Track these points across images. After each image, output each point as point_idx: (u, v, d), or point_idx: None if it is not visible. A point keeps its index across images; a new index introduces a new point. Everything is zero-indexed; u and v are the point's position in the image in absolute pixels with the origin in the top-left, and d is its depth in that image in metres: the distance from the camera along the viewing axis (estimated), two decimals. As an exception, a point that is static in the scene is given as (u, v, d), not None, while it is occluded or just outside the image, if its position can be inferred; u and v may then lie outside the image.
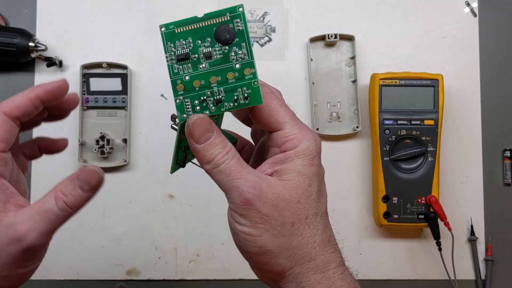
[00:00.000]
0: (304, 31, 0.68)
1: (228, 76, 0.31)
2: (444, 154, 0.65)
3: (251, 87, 0.31)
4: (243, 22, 0.31)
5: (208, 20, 0.31)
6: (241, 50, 0.31)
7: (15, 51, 0.63)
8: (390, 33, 0.69)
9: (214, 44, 0.31)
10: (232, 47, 0.31)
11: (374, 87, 0.64)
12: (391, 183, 0.62)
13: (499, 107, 0.68)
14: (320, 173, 0.34)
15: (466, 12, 0.70)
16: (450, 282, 0.64)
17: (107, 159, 0.66)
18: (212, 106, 0.31)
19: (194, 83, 0.31)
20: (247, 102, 0.31)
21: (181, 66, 0.31)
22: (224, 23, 0.31)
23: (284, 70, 0.68)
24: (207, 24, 0.31)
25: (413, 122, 0.63)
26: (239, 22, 0.31)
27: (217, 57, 0.31)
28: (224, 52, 0.31)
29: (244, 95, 0.31)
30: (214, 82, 0.31)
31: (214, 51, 0.31)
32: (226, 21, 0.31)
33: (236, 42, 0.31)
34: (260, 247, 0.30)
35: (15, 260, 0.30)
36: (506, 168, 0.67)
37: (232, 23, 0.31)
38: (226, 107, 0.31)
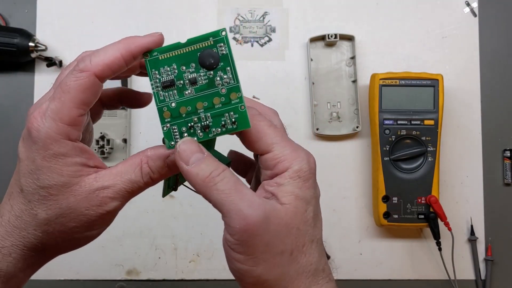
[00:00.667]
0: (304, 31, 0.68)
1: (215, 101, 0.31)
2: (444, 154, 0.65)
3: (238, 111, 0.31)
4: (227, 46, 0.30)
5: (192, 46, 0.31)
6: (226, 74, 0.31)
7: (15, 51, 0.63)
8: (390, 33, 0.69)
9: (199, 70, 0.31)
10: (217, 71, 0.31)
11: (374, 87, 0.64)
12: (391, 183, 0.62)
13: (499, 107, 0.68)
14: (317, 195, 0.32)
15: (466, 12, 0.70)
16: (450, 282, 0.64)
17: (107, 159, 0.66)
18: (200, 132, 0.31)
19: (180, 109, 0.31)
20: (235, 127, 0.31)
21: (166, 93, 0.31)
22: (208, 48, 0.30)
23: (284, 70, 0.68)
24: (191, 50, 0.31)
25: (413, 122, 0.63)
26: (222, 46, 0.30)
27: (202, 82, 0.31)
28: (209, 77, 0.31)
29: (231, 119, 0.31)
30: (200, 108, 0.30)
31: (199, 77, 0.31)
32: (209, 46, 0.30)
33: (221, 67, 0.31)
34: (258, 277, 0.28)
35: (89, 224, 0.30)
36: (506, 168, 0.67)
37: (215, 47, 0.30)
38: (214, 133, 0.31)
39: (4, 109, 0.67)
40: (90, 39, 0.68)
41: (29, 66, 0.67)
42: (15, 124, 0.67)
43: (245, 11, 0.69)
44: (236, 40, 0.68)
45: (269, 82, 0.68)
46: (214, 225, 0.66)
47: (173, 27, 0.68)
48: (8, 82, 0.67)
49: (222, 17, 0.68)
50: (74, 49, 0.67)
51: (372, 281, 0.66)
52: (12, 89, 0.67)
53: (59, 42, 0.67)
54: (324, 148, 0.67)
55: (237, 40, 0.68)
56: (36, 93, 0.67)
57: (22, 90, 0.67)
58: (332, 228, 0.66)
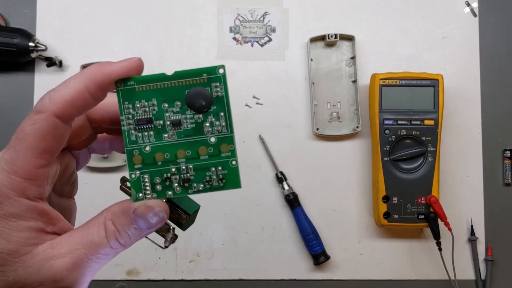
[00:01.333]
0: (304, 31, 0.68)
1: (200, 151, 0.26)
2: (444, 154, 0.65)
3: (228, 167, 0.26)
4: (224, 87, 0.25)
5: (180, 80, 0.25)
6: (219, 121, 0.25)
7: (15, 51, 0.63)
8: (390, 33, 0.69)
9: (185, 111, 0.25)
10: (207, 116, 0.25)
11: (374, 87, 0.64)
12: (391, 183, 0.62)
13: (499, 107, 0.68)
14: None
15: (466, 12, 0.70)
16: (450, 282, 0.64)
17: (107, 159, 0.66)
18: (178, 186, 0.26)
19: (156, 155, 0.25)
20: (221, 185, 0.26)
21: (140, 134, 0.25)
22: (199, 86, 0.25)
23: (284, 70, 0.68)
24: (178, 85, 0.25)
25: (413, 122, 0.63)
26: (218, 86, 0.25)
27: (187, 126, 0.25)
28: (197, 121, 0.25)
29: (218, 176, 0.26)
30: (182, 157, 0.26)
31: (184, 119, 0.25)
32: (201, 83, 0.25)
33: (213, 111, 0.25)
34: None
35: None
36: (506, 168, 0.67)
37: (209, 86, 0.25)
38: (195, 189, 0.26)
39: (4, 109, 0.67)
40: (90, 39, 0.68)
41: (29, 66, 0.67)
42: (15, 124, 0.67)
43: (245, 11, 0.69)
44: (236, 40, 0.68)
45: (269, 82, 0.68)
46: (214, 225, 0.66)
47: (173, 27, 0.68)
48: (8, 82, 0.67)
49: (222, 17, 0.68)
50: (74, 49, 0.67)
51: (372, 281, 0.66)
52: (12, 89, 0.67)
53: (59, 42, 0.67)
54: (324, 148, 0.67)
55: (237, 40, 0.68)
56: (36, 93, 0.67)
57: (22, 90, 0.67)
58: (332, 228, 0.66)
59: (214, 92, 0.25)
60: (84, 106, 0.25)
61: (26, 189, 0.24)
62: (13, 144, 0.24)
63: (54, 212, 0.25)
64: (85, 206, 0.33)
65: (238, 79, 0.67)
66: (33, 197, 0.24)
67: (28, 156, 0.24)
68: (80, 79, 0.24)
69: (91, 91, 0.24)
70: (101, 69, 0.25)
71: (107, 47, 0.68)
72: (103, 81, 0.25)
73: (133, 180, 0.26)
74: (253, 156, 0.66)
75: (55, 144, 0.24)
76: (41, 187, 0.24)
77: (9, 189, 0.23)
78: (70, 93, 0.24)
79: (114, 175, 0.66)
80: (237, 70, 0.67)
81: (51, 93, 0.24)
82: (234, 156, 0.26)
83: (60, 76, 0.67)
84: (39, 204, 0.24)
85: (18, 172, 0.24)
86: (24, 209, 0.24)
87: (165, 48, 0.68)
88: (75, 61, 0.67)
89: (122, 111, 0.26)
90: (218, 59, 0.68)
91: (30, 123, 0.24)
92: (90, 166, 0.65)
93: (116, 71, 0.25)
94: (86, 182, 0.64)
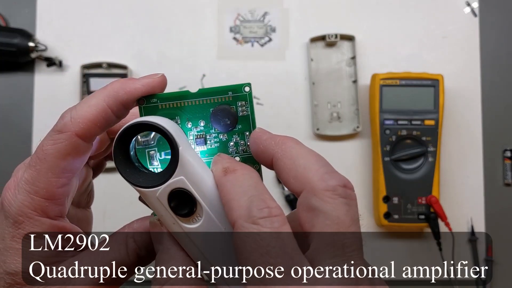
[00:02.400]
0: (305, 31, 0.68)
1: None
2: (444, 154, 0.65)
3: None
4: (250, 106, 0.24)
5: (204, 98, 0.24)
6: (244, 140, 0.25)
7: (15, 51, 0.63)
8: (391, 33, 0.69)
9: (209, 129, 0.25)
10: (232, 135, 0.25)
11: (375, 87, 0.63)
12: (392, 183, 0.62)
13: (500, 107, 0.68)
14: None
15: (467, 12, 0.69)
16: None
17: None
18: None
19: None
20: None
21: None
22: (224, 104, 0.24)
23: (284, 70, 0.68)
24: (202, 103, 0.24)
25: (414, 122, 0.62)
26: (244, 105, 0.24)
27: (212, 145, 0.25)
28: (222, 140, 0.25)
29: None
30: None
31: (209, 138, 0.25)
32: (226, 102, 0.24)
33: (239, 130, 0.25)
34: None
35: None
36: (506, 168, 0.67)
37: (235, 105, 0.24)
38: None
39: (4, 109, 0.67)
40: (90, 39, 0.68)
41: (29, 66, 0.67)
42: (15, 124, 0.67)
43: (245, 11, 0.69)
44: (236, 40, 0.68)
45: (269, 82, 0.68)
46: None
47: (173, 27, 0.68)
48: (8, 82, 0.67)
49: (222, 17, 0.68)
50: (74, 49, 0.67)
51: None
52: (12, 89, 0.67)
53: (59, 42, 0.67)
54: (324, 148, 0.67)
55: (237, 40, 0.68)
56: (36, 93, 0.67)
57: (22, 90, 0.67)
58: (333, 228, 0.66)
59: (240, 111, 0.24)
60: (106, 125, 0.24)
61: (48, 209, 0.24)
62: (33, 163, 0.23)
63: (75, 229, 0.25)
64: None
65: (238, 79, 0.67)
66: (54, 216, 0.24)
67: (49, 176, 0.23)
68: (103, 97, 0.24)
69: (114, 110, 0.24)
70: (124, 87, 0.24)
71: (107, 47, 0.68)
72: (127, 99, 0.24)
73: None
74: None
75: (76, 163, 0.24)
76: (62, 206, 0.24)
77: (31, 209, 0.23)
78: (92, 112, 0.23)
79: (114, 175, 0.65)
80: (237, 70, 0.67)
81: (72, 112, 0.24)
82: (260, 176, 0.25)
83: (60, 76, 0.67)
84: (60, 222, 0.24)
85: (39, 192, 0.23)
86: (46, 228, 0.24)
87: (165, 48, 0.68)
88: (75, 61, 0.67)
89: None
90: (218, 59, 0.68)
91: (51, 143, 0.23)
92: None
93: (140, 89, 0.24)
94: (86, 182, 0.64)
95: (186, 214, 0.23)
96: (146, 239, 0.26)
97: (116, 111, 0.24)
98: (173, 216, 0.23)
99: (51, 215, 0.24)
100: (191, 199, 0.22)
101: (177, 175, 0.22)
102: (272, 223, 0.20)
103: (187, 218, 0.23)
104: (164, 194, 0.23)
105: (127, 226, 0.26)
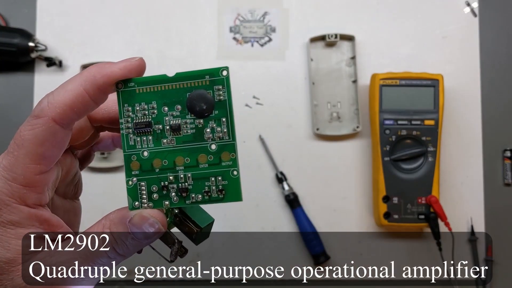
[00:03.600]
0: (304, 31, 0.68)
1: (200, 159, 0.24)
2: (444, 154, 0.65)
3: (229, 177, 0.24)
4: (227, 90, 0.24)
5: (181, 82, 0.24)
6: (221, 127, 0.24)
7: (15, 51, 0.63)
8: (390, 33, 0.69)
9: (185, 115, 0.24)
10: (208, 121, 0.24)
11: (375, 87, 0.64)
12: (391, 183, 0.62)
13: (500, 107, 0.68)
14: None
15: (467, 12, 0.70)
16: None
17: (107, 159, 0.66)
18: (175, 196, 0.24)
19: (154, 162, 0.24)
20: (221, 197, 0.24)
21: (139, 138, 0.24)
22: (201, 88, 0.24)
23: (284, 70, 0.68)
24: (179, 87, 0.24)
25: (414, 122, 0.62)
26: (221, 89, 0.24)
27: (187, 132, 0.24)
28: (198, 126, 0.24)
29: (218, 186, 0.24)
30: (180, 164, 0.24)
31: (184, 124, 0.24)
32: (203, 86, 0.24)
33: (215, 116, 0.24)
34: None
35: None
36: (506, 168, 0.67)
37: (212, 89, 0.24)
38: (193, 200, 0.24)
39: (4, 109, 0.67)
40: (90, 39, 0.68)
41: (29, 66, 0.67)
42: (15, 124, 0.67)
43: (245, 11, 0.69)
44: (236, 40, 0.68)
45: (269, 82, 0.68)
46: (214, 225, 0.66)
47: (173, 27, 0.68)
48: (8, 82, 0.67)
49: (222, 17, 0.68)
50: (74, 49, 0.67)
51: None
52: (12, 89, 0.67)
53: (59, 42, 0.67)
54: (324, 148, 0.67)
55: (237, 40, 0.68)
56: (36, 93, 0.67)
57: (22, 90, 0.67)
58: (332, 228, 0.66)
59: (217, 96, 0.24)
60: (84, 110, 0.24)
61: (26, 196, 0.23)
62: (11, 149, 0.24)
63: (55, 218, 0.25)
64: (85, 206, 0.33)
65: (238, 79, 0.67)
66: (33, 204, 0.23)
67: (27, 163, 0.23)
68: (79, 81, 0.23)
69: (91, 94, 0.23)
70: (101, 70, 0.23)
71: (107, 47, 0.68)
72: (104, 83, 0.23)
73: (130, 187, 0.25)
74: (253, 156, 0.66)
75: (55, 150, 0.24)
76: (41, 194, 0.24)
77: (8, 196, 0.23)
78: (69, 97, 0.23)
79: (114, 175, 0.66)
80: (237, 70, 0.67)
81: (49, 97, 0.23)
82: (236, 166, 0.24)
83: (60, 76, 0.67)
84: (39, 211, 0.24)
85: (17, 179, 0.23)
86: (23, 217, 0.23)
87: (165, 48, 0.68)
88: (75, 61, 0.67)
89: (121, 114, 0.24)
90: (218, 59, 0.68)
91: (29, 128, 0.23)
92: (90, 166, 0.64)
93: (117, 73, 0.24)
94: (85, 182, 0.63)
95: None
96: (122, 230, 0.25)
97: (94, 95, 0.23)
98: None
99: (29, 203, 0.23)
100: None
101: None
102: None
103: None
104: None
105: (104, 217, 0.26)
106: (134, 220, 0.24)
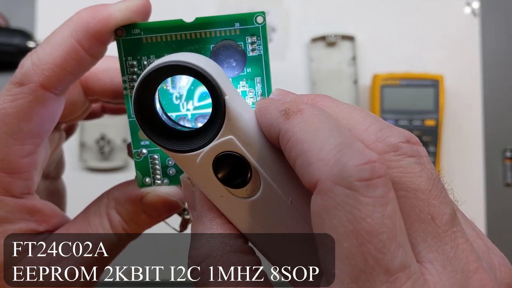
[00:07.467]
0: (305, 31, 0.68)
1: None
2: (445, 155, 0.65)
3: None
4: (263, 43, 0.19)
5: (202, 31, 0.18)
6: (254, 89, 0.19)
7: (15, 51, 0.63)
8: (391, 33, 0.69)
9: None
10: (239, 81, 0.19)
11: (375, 88, 0.63)
12: (392, 183, 0.62)
13: (500, 108, 0.68)
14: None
15: (467, 12, 0.69)
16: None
17: (107, 159, 0.66)
18: None
19: None
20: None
21: None
22: (229, 39, 0.18)
23: (285, 70, 0.68)
24: (200, 37, 0.18)
25: (414, 123, 0.62)
26: (255, 41, 0.19)
27: None
28: None
29: None
30: None
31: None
32: (232, 36, 0.18)
33: (247, 75, 0.19)
34: None
35: None
36: (506, 168, 0.67)
37: (243, 41, 0.18)
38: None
39: (4, 109, 0.67)
40: (90, 39, 0.67)
41: (29, 66, 0.67)
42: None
43: (245, 11, 0.69)
44: (236, 40, 0.68)
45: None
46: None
47: (173, 27, 0.68)
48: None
49: (223, 17, 0.68)
50: (74, 49, 0.67)
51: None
52: (12, 89, 0.67)
53: (59, 42, 0.67)
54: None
55: (237, 40, 0.68)
56: (36, 93, 0.66)
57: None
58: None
59: (250, 50, 0.19)
60: (80, 69, 0.18)
61: (11, 186, 0.18)
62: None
63: (47, 206, 0.20)
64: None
65: (239, 79, 0.66)
66: (20, 194, 0.19)
67: (10, 144, 0.17)
68: (69, 32, 0.18)
69: (85, 47, 0.18)
70: (96, 14, 0.18)
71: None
72: (100, 30, 0.18)
73: (139, 160, 0.19)
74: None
75: (45, 124, 0.18)
76: (28, 180, 0.19)
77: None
78: (59, 54, 0.17)
79: (114, 175, 0.65)
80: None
81: (33, 56, 0.18)
82: None
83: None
84: (28, 200, 0.19)
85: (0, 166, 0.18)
86: (10, 210, 0.19)
87: (165, 48, 0.68)
88: (75, 61, 0.67)
89: (124, 69, 0.19)
90: (219, 59, 0.68)
91: (9, 99, 0.17)
92: (90, 166, 0.64)
93: (116, 17, 0.18)
94: (85, 182, 0.64)
95: (239, 184, 0.17)
96: (131, 210, 0.20)
97: (89, 48, 0.18)
98: (220, 187, 0.17)
99: (16, 193, 0.19)
100: (244, 165, 0.16)
101: (224, 134, 0.16)
102: (375, 189, 0.13)
103: (239, 190, 0.17)
104: (208, 159, 0.16)
105: (105, 194, 0.21)
106: (148, 199, 0.20)
